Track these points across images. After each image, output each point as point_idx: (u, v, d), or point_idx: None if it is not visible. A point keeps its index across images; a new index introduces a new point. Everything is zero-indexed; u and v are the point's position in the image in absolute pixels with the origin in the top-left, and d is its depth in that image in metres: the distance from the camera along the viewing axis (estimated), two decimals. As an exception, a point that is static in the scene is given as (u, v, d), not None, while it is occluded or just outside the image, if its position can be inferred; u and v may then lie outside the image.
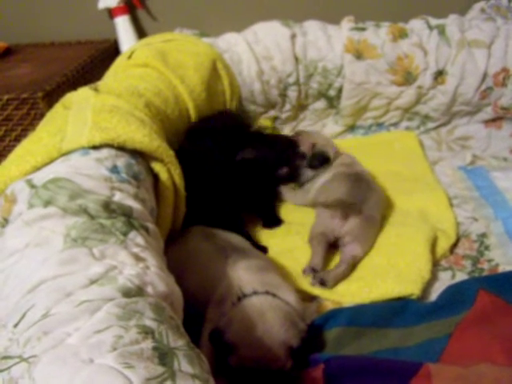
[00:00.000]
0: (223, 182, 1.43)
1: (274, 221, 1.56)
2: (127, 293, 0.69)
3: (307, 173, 1.63)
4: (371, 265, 1.31)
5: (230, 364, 0.96)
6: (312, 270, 1.28)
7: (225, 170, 1.45)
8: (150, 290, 0.74)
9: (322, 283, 1.24)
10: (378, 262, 1.31)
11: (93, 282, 0.70)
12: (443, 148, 1.91)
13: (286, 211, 1.61)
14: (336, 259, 1.35)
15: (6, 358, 0.60)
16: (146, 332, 0.63)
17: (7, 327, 0.66)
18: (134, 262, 0.78)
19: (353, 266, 1.30)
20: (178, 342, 0.65)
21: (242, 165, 1.50)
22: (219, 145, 1.48)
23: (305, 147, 1.65)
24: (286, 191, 1.65)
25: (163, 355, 0.61)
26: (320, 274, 1.26)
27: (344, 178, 1.50)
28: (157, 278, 0.78)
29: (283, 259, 1.36)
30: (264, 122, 1.91)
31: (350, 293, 1.23)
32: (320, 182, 1.57)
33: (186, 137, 1.51)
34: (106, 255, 0.77)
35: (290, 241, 1.45)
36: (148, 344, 0.61)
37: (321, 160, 1.61)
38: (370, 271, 1.28)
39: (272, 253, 1.39)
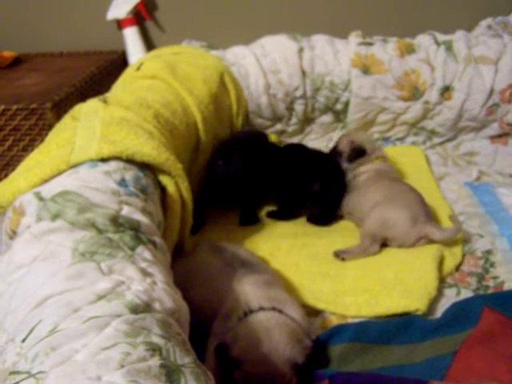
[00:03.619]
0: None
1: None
2: (135, 309, 0.69)
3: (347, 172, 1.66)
4: (379, 278, 1.31)
5: (235, 379, 0.96)
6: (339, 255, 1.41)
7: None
8: (157, 306, 0.74)
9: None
10: (385, 276, 1.31)
11: (100, 297, 0.70)
12: (449, 163, 1.91)
13: (292, 223, 1.62)
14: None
15: (14, 373, 0.61)
16: (154, 349, 0.63)
17: (15, 341, 0.66)
18: (142, 277, 0.79)
19: None
20: (184, 359, 0.65)
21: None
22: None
23: (343, 145, 1.69)
24: None
25: (170, 372, 0.61)
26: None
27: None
28: (164, 294, 0.78)
29: (288, 272, 1.36)
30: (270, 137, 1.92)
31: (356, 305, 1.23)
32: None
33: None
34: (114, 270, 0.78)
35: (296, 253, 1.45)
36: (155, 361, 0.61)
37: (356, 152, 1.65)
38: (377, 284, 1.28)
39: (277, 265, 1.39)
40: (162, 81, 1.55)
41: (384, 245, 1.43)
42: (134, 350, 0.62)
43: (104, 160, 1.02)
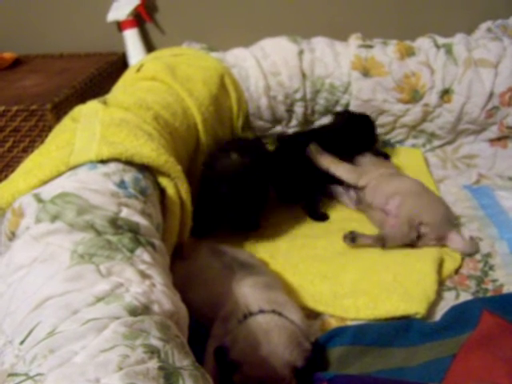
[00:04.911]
0: None
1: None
2: (133, 311, 0.69)
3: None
4: (378, 280, 1.30)
5: (234, 382, 0.96)
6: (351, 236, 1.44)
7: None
8: (156, 308, 0.74)
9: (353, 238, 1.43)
10: (384, 278, 1.30)
11: (99, 299, 0.70)
12: (448, 166, 1.90)
13: (291, 224, 1.61)
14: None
15: (12, 375, 0.60)
16: (152, 351, 0.63)
17: (13, 343, 0.66)
18: (141, 279, 0.78)
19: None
20: (183, 361, 0.65)
21: None
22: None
23: None
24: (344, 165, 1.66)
25: (168, 375, 0.61)
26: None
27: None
28: (163, 296, 0.78)
29: (287, 274, 1.36)
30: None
31: (355, 307, 1.23)
32: (378, 174, 1.61)
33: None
34: (113, 272, 0.78)
35: (295, 254, 1.44)
36: (154, 364, 0.61)
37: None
38: (376, 286, 1.28)
39: (277, 267, 1.39)
40: (161, 82, 1.55)
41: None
42: (133, 352, 0.61)
43: (103, 162, 1.02)
